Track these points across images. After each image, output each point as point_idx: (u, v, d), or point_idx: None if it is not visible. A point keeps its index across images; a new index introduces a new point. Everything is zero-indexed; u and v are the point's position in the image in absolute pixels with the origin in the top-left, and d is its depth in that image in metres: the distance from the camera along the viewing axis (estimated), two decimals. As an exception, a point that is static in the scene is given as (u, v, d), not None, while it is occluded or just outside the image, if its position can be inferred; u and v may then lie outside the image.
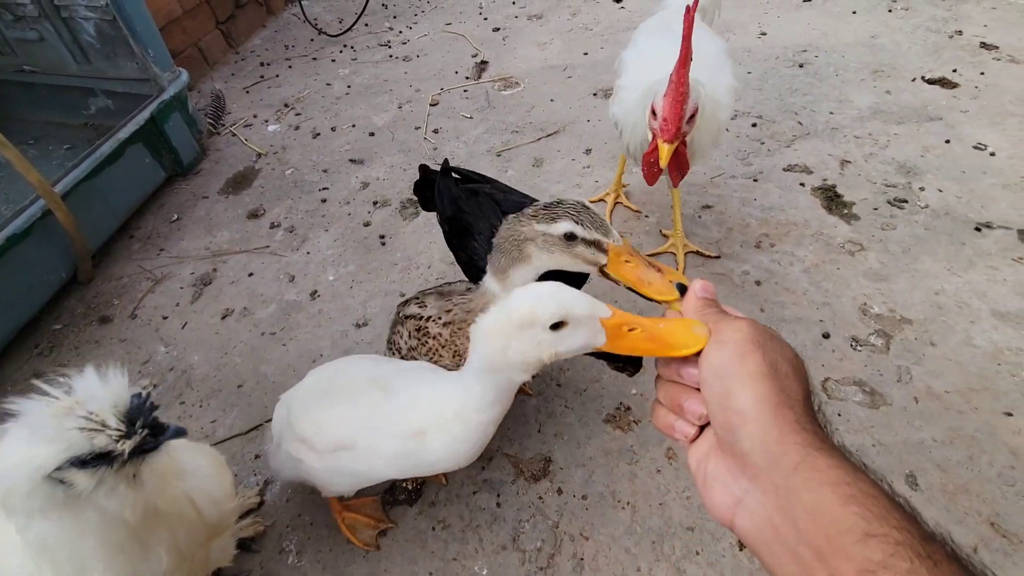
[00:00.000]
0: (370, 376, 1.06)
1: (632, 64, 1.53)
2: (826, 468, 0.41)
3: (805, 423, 0.45)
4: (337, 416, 1.04)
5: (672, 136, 1.15)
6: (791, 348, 0.51)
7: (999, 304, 1.59)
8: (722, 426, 0.48)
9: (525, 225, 0.94)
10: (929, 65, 2.47)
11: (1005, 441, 1.33)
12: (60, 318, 1.89)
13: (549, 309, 0.63)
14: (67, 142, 2.47)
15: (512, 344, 0.68)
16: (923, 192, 1.94)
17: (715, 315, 0.54)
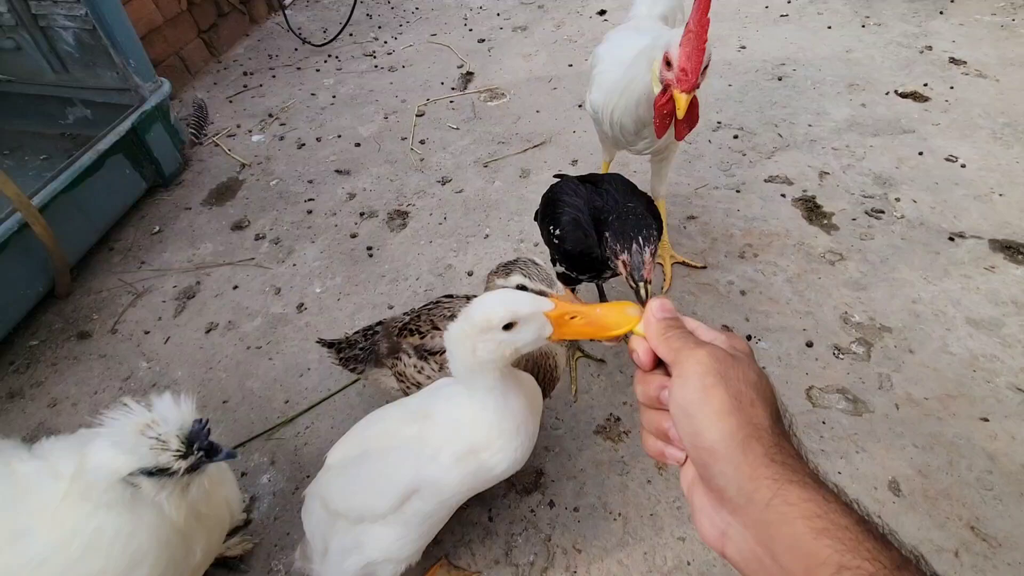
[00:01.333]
0: (402, 414, 1.02)
1: (607, 54, 1.58)
2: (799, 502, 0.42)
3: (775, 454, 0.45)
4: (391, 466, 0.96)
5: (692, 85, 1.13)
6: (755, 370, 0.50)
7: (973, 312, 1.65)
8: (697, 462, 0.48)
9: (490, 283, 1.06)
10: (901, 79, 2.56)
11: (983, 446, 1.37)
12: (37, 334, 1.84)
13: (499, 313, 0.75)
14: (44, 152, 2.42)
15: (478, 346, 0.80)
16: (899, 203, 2.00)
17: (678, 341, 0.53)
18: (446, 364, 1.14)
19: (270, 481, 1.44)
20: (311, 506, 1.08)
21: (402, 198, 2.25)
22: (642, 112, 1.37)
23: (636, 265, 1.05)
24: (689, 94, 1.15)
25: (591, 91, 1.63)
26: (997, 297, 1.67)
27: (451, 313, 1.22)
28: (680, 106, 1.15)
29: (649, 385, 0.56)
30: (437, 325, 1.21)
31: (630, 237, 1.06)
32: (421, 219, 2.14)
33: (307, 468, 1.46)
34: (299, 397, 1.61)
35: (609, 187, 1.30)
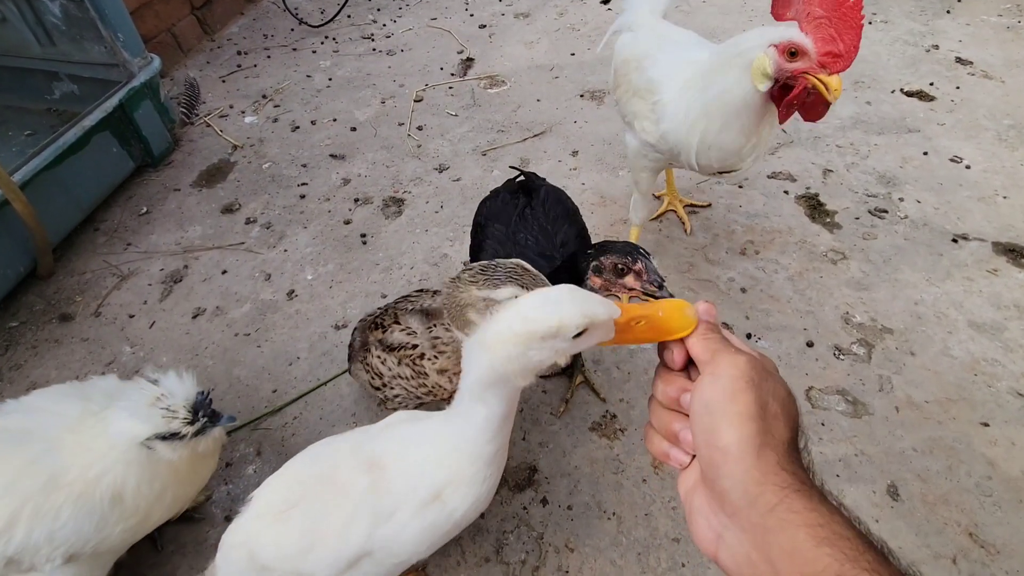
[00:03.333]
0: (350, 459, 0.90)
1: (667, 76, 1.43)
2: (802, 510, 0.42)
3: (786, 464, 0.45)
4: (339, 523, 0.85)
5: (847, 64, 1.10)
6: (785, 387, 0.51)
7: (975, 315, 1.63)
8: (706, 461, 0.48)
9: (463, 291, 0.90)
10: (907, 78, 2.52)
11: (982, 452, 1.35)
12: (17, 315, 1.78)
13: (576, 320, 0.61)
14: (28, 128, 2.34)
15: (530, 353, 0.66)
16: (902, 203, 1.97)
17: (717, 343, 0.53)
18: (405, 359, 1.11)
19: (256, 472, 1.40)
20: (232, 556, 0.92)
21: (398, 185, 2.20)
22: (745, 120, 1.27)
23: (653, 270, 1.03)
24: (840, 74, 1.12)
25: (651, 123, 1.45)
26: (999, 301, 1.65)
27: (414, 307, 1.16)
28: (834, 87, 1.11)
29: (671, 385, 0.55)
30: (398, 319, 1.16)
31: (633, 250, 1.04)
32: (417, 207, 2.10)
33: (294, 459, 1.42)
34: (287, 386, 1.57)
35: (540, 211, 1.25)
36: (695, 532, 0.50)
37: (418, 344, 1.10)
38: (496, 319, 0.68)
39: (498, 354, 0.68)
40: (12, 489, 0.97)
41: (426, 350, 1.08)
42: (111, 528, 1.02)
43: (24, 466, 0.98)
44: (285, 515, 0.89)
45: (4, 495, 0.97)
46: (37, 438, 1.03)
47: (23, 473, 0.98)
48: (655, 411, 0.57)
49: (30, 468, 0.98)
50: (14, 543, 0.96)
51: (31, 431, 1.04)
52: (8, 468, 0.98)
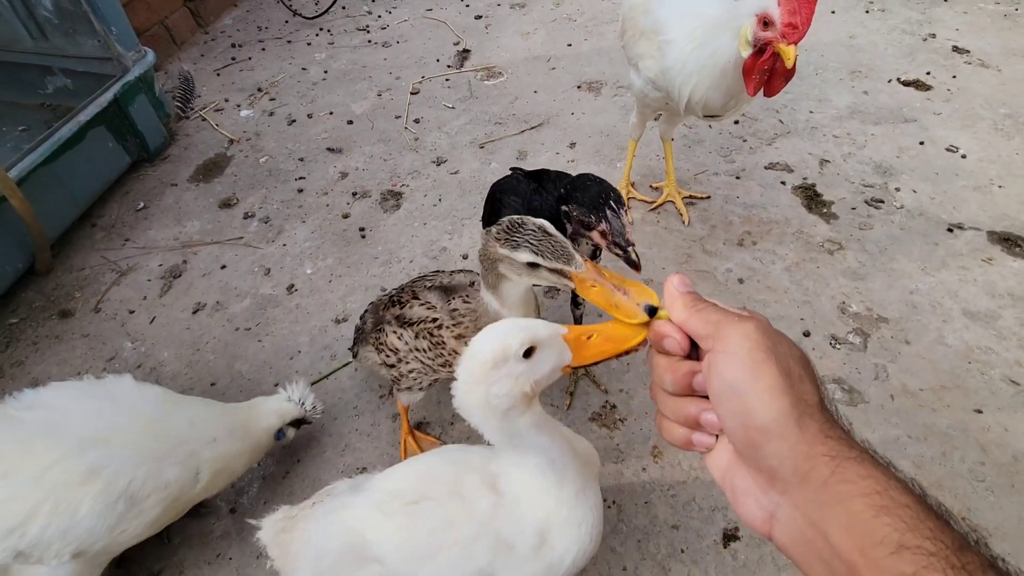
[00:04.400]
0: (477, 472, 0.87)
1: (673, 20, 1.53)
2: (857, 479, 0.40)
3: (828, 430, 0.43)
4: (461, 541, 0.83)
5: (801, 36, 1.20)
6: (797, 346, 0.49)
7: (969, 304, 1.64)
8: (744, 442, 0.46)
9: (491, 246, 0.91)
10: (904, 67, 2.52)
11: (976, 438, 1.37)
12: (17, 311, 1.78)
13: (517, 338, 0.63)
14: (22, 123, 2.33)
15: (492, 389, 0.67)
16: (899, 192, 1.98)
17: (714, 313, 0.51)
18: (423, 332, 1.13)
19: (259, 465, 1.41)
20: (333, 526, 0.89)
21: (396, 178, 2.19)
22: (730, 82, 1.38)
23: (618, 230, 0.98)
24: (796, 46, 1.21)
25: (657, 61, 1.54)
26: (994, 289, 1.67)
27: (432, 284, 1.18)
28: (789, 57, 1.21)
29: (676, 372, 0.53)
30: (417, 295, 1.18)
31: (600, 204, 0.99)
32: (415, 200, 2.10)
33: (297, 452, 1.43)
34: (289, 380, 1.57)
35: (551, 185, 1.26)
36: (744, 514, 0.48)
37: (437, 317, 1.11)
38: (458, 374, 0.69)
39: (474, 403, 0.69)
40: (36, 484, 0.98)
41: (444, 320, 1.09)
42: (126, 524, 1.04)
43: (54, 461, 0.99)
44: (411, 509, 0.86)
45: (27, 490, 0.98)
46: (72, 434, 1.03)
47: (52, 468, 0.99)
48: (663, 400, 0.55)
49: (61, 463, 0.99)
50: (28, 537, 0.97)
51: (62, 426, 1.05)
52: (34, 462, 0.99)
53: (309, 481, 1.38)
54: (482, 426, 0.72)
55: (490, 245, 0.91)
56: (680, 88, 1.49)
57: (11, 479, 0.98)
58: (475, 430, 0.73)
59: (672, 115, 1.78)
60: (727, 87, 1.41)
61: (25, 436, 1.03)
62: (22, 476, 0.98)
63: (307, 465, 1.41)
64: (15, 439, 1.03)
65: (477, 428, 0.73)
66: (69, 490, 0.99)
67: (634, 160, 1.99)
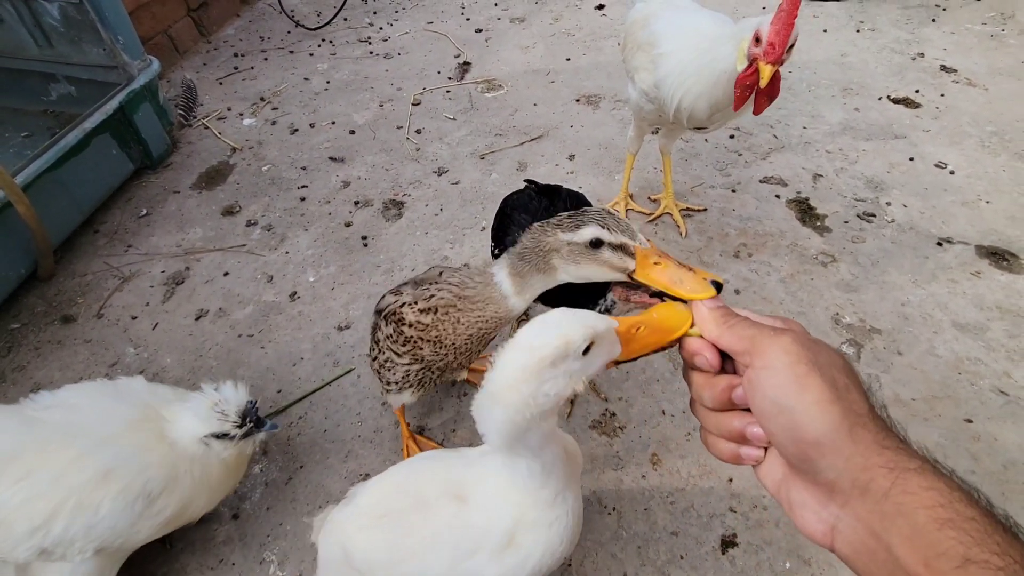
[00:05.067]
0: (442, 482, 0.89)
1: (670, 33, 1.58)
2: (919, 490, 0.40)
3: (883, 440, 0.43)
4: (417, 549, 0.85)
5: (777, 57, 1.23)
6: (837, 352, 0.48)
7: (959, 316, 1.69)
8: (797, 457, 0.46)
9: (550, 235, 0.88)
10: (894, 85, 2.59)
11: (966, 447, 1.40)
12: (19, 317, 1.79)
13: (580, 332, 0.58)
14: (25, 129, 2.34)
15: (544, 387, 0.62)
16: (890, 207, 2.03)
17: (748, 328, 0.49)
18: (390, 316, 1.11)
19: (262, 471, 1.42)
20: (331, 552, 0.96)
21: (398, 188, 2.22)
22: (719, 93, 1.42)
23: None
24: (773, 66, 1.25)
25: (651, 72, 1.59)
26: (982, 302, 1.71)
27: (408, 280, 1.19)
28: (764, 76, 1.25)
29: (714, 387, 0.52)
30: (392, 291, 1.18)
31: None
32: (417, 209, 2.12)
33: (300, 458, 1.44)
34: (292, 387, 1.59)
35: (563, 205, 1.30)
36: (804, 527, 0.47)
37: (400, 299, 1.12)
38: (499, 367, 0.64)
39: (512, 402, 0.63)
40: (59, 482, 1.00)
41: (406, 300, 1.10)
42: (144, 522, 1.07)
43: (72, 460, 1.01)
44: (378, 522, 0.90)
45: (50, 489, 0.99)
46: (87, 433, 1.06)
47: (71, 467, 1.01)
48: (705, 416, 0.53)
49: (78, 462, 1.01)
50: (52, 535, 0.99)
51: (78, 425, 1.07)
52: (54, 461, 1.01)
53: (312, 487, 1.39)
54: (499, 426, 0.67)
55: (548, 234, 0.87)
56: (672, 94, 1.53)
57: (33, 479, 1.00)
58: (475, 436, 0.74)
59: (669, 129, 1.83)
60: (716, 98, 1.45)
61: (44, 436, 1.04)
62: (44, 476, 1.00)
63: (310, 471, 1.42)
64: (35, 439, 1.04)
65: (484, 430, 0.69)
66: (90, 488, 1.01)
67: (632, 172, 2.03)
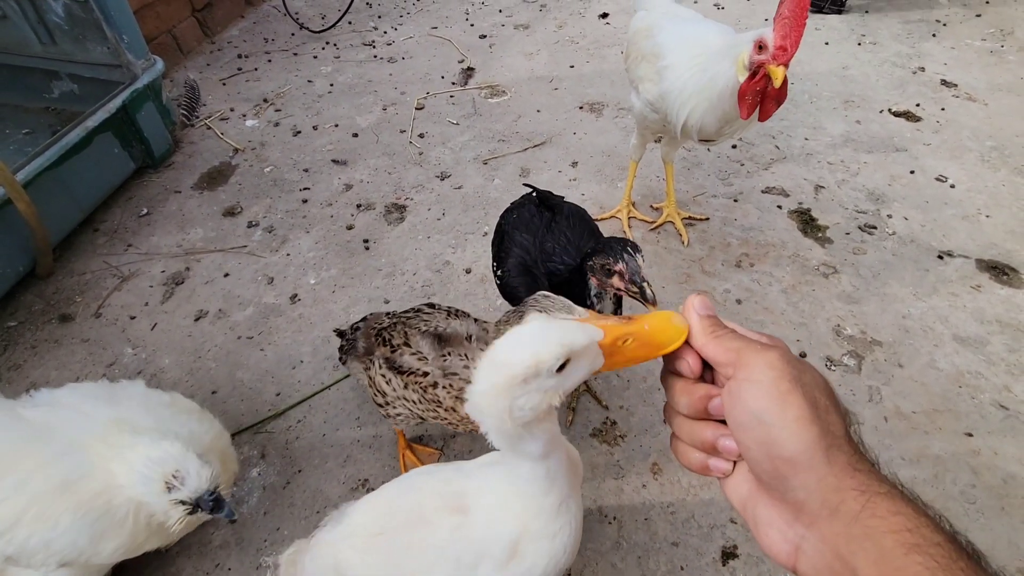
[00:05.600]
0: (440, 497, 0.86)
1: (674, 45, 1.59)
2: (887, 515, 0.40)
3: (856, 463, 0.43)
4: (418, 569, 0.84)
5: (790, 58, 1.26)
6: (819, 374, 0.48)
7: (959, 329, 1.69)
8: (769, 473, 0.46)
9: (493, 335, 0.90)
10: (895, 98, 2.61)
11: (967, 460, 1.40)
12: (16, 314, 1.77)
13: (553, 351, 0.56)
14: (26, 126, 2.33)
15: (517, 402, 0.61)
16: (891, 219, 2.04)
17: (734, 340, 0.50)
18: (413, 384, 1.09)
19: (260, 475, 1.41)
20: (321, 563, 0.92)
21: (400, 191, 2.22)
22: (726, 106, 1.44)
23: (634, 268, 1.04)
24: (786, 67, 1.27)
25: (656, 84, 1.60)
26: (982, 316, 1.72)
27: (428, 328, 1.14)
28: (777, 77, 1.27)
29: (692, 395, 0.52)
30: (409, 340, 1.13)
31: (619, 248, 1.07)
32: (419, 214, 2.12)
33: (298, 463, 1.43)
34: (291, 390, 1.58)
35: (565, 225, 1.32)
36: (767, 545, 0.47)
37: (429, 372, 1.07)
38: (475, 379, 0.63)
39: (490, 413, 0.63)
40: (23, 488, 0.97)
41: (438, 379, 1.06)
42: (104, 545, 1.01)
43: (38, 466, 0.98)
44: (374, 542, 0.87)
45: (13, 493, 0.96)
46: (58, 438, 1.02)
47: (36, 473, 0.98)
48: (679, 424, 0.53)
49: (44, 469, 0.98)
50: (14, 544, 0.96)
51: (54, 429, 1.03)
52: (23, 465, 0.98)
53: (310, 492, 1.38)
54: (493, 431, 0.68)
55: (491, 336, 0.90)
56: (678, 111, 1.54)
57: (2, 482, 0.97)
58: (478, 440, 0.74)
59: (672, 138, 1.83)
60: (723, 112, 1.47)
61: (22, 435, 1.02)
62: (11, 480, 0.97)
63: (308, 475, 1.41)
64: (13, 438, 1.02)
65: (485, 432, 0.69)
66: (50, 499, 0.97)
67: (635, 181, 2.03)
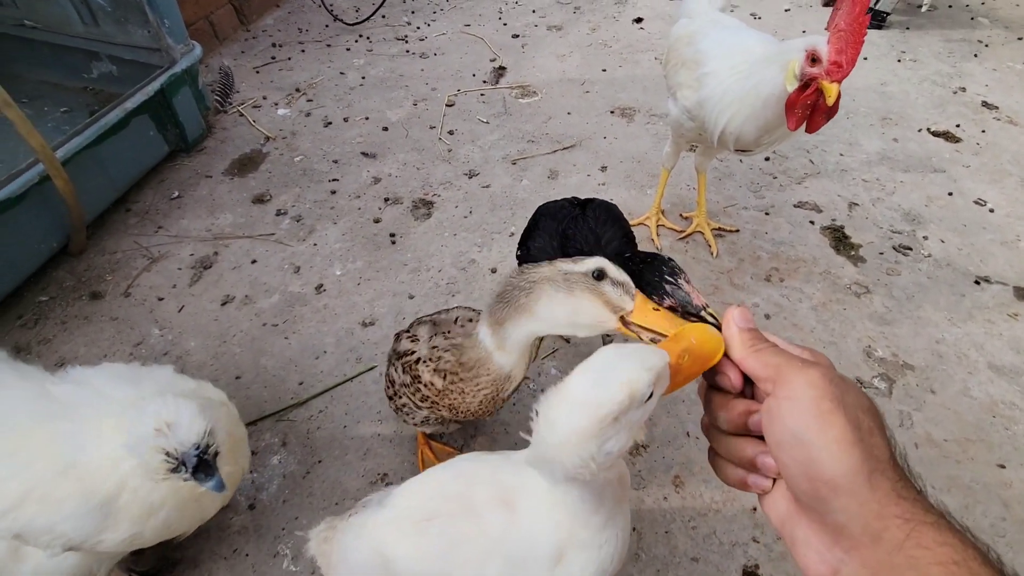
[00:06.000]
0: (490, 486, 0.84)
1: (716, 52, 1.56)
2: (934, 545, 0.39)
3: (901, 489, 0.42)
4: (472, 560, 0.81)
5: (845, 75, 1.23)
6: (864, 394, 0.47)
7: (995, 358, 1.65)
8: (808, 494, 0.45)
9: (545, 267, 0.84)
10: (934, 118, 2.56)
11: (998, 493, 1.37)
12: (47, 290, 1.80)
13: (645, 378, 0.53)
14: (64, 105, 2.37)
15: (606, 445, 0.56)
16: (926, 241, 2.00)
17: (775, 356, 0.48)
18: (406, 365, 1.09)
19: (280, 463, 1.41)
20: (363, 545, 0.89)
21: (428, 187, 2.22)
22: (769, 115, 1.41)
23: (684, 300, 1.00)
24: (839, 83, 1.25)
25: (692, 90, 1.58)
26: (1019, 345, 1.67)
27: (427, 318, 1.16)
28: (830, 94, 1.25)
29: (731, 410, 0.51)
30: (410, 328, 1.17)
31: (656, 283, 1.01)
32: (446, 210, 2.12)
33: (319, 453, 1.43)
34: (313, 380, 1.59)
35: (592, 216, 1.32)
36: (805, 566, 0.46)
37: (416, 351, 1.09)
38: (550, 426, 0.58)
39: (569, 462, 0.58)
40: (30, 467, 0.94)
41: (422, 355, 1.08)
42: (109, 534, 0.97)
43: (45, 444, 0.96)
44: (423, 527, 0.84)
45: (20, 472, 0.94)
46: (74, 417, 0.99)
47: (43, 452, 0.95)
48: (717, 439, 0.53)
49: (50, 448, 0.96)
50: (20, 522, 0.93)
51: (73, 407, 1.01)
52: (33, 442, 0.96)
53: (329, 483, 1.38)
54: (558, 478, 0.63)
55: (542, 268, 0.84)
56: (716, 118, 1.52)
57: (14, 459, 0.94)
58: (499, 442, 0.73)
59: (708, 147, 1.81)
60: (765, 120, 1.44)
61: (42, 411, 1.00)
62: (23, 456, 0.95)
63: (328, 466, 1.41)
64: (35, 412, 1.00)
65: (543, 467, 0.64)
66: (57, 480, 0.94)
67: (665, 189, 2.01)
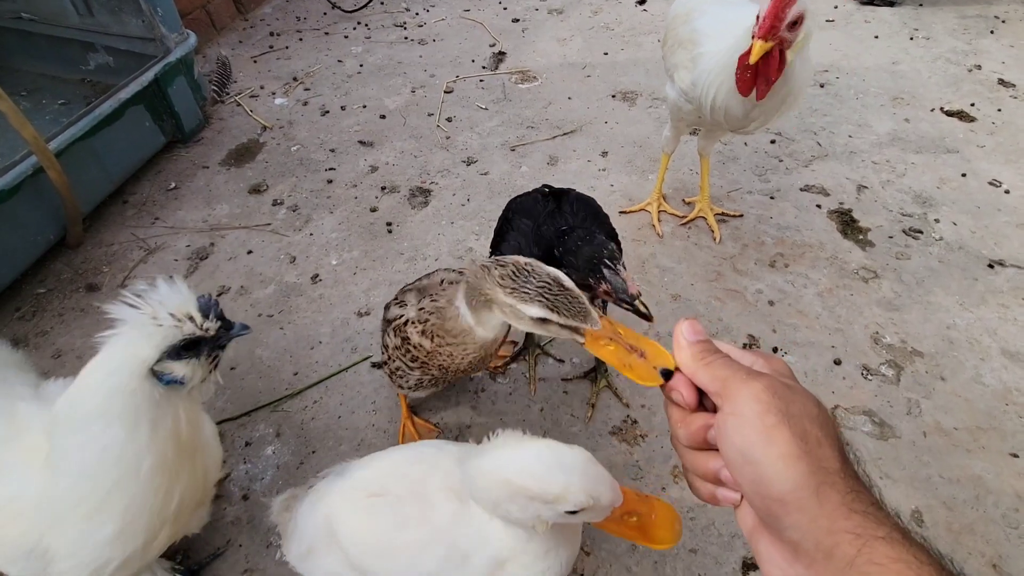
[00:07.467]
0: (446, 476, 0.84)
1: (712, 31, 1.51)
2: (887, 561, 0.38)
3: (852, 502, 0.41)
4: (412, 544, 0.82)
5: (766, 32, 1.18)
6: (813, 400, 0.45)
7: (1009, 343, 1.59)
8: (762, 511, 0.44)
9: (489, 288, 0.83)
10: (948, 97, 2.47)
11: (1011, 483, 1.32)
12: (45, 282, 1.80)
13: (579, 499, 0.60)
14: (62, 97, 2.36)
15: (510, 507, 0.66)
16: (938, 224, 1.93)
17: (723, 368, 0.48)
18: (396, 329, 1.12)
19: (275, 453, 1.40)
20: (313, 522, 0.92)
21: (425, 175, 2.19)
22: None
23: (619, 287, 0.98)
24: (764, 41, 1.19)
25: (687, 71, 1.54)
26: (1034, 330, 1.62)
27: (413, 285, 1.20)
28: (753, 51, 1.20)
29: (691, 426, 0.50)
30: (398, 296, 1.21)
31: (595, 265, 0.99)
32: (444, 198, 2.09)
33: (313, 443, 1.42)
34: (308, 370, 1.57)
35: (568, 212, 1.25)
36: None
37: (404, 314, 1.12)
38: (490, 455, 0.66)
39: (481, 493, 0.67)
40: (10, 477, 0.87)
41: (411, 317, 1.10)
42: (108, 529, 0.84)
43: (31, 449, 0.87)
44: (371, 502, 0.86)
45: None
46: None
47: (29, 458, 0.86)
48: (684, 455, 0.52)
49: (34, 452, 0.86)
50: None
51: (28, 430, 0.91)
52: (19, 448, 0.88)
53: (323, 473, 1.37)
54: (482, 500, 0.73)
55: (488, 287, 0.84)
56: (706, 90, 1.47)
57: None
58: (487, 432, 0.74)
59: (709, 131, 1.76)
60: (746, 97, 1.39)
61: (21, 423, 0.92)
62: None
63: (322, 457, 1.40)
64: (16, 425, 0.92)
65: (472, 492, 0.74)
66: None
67: (667, 173, 1.96)
